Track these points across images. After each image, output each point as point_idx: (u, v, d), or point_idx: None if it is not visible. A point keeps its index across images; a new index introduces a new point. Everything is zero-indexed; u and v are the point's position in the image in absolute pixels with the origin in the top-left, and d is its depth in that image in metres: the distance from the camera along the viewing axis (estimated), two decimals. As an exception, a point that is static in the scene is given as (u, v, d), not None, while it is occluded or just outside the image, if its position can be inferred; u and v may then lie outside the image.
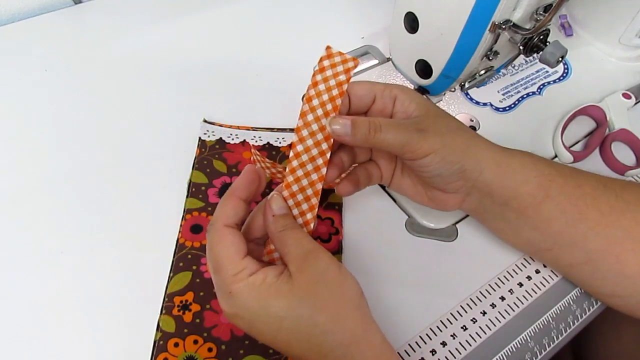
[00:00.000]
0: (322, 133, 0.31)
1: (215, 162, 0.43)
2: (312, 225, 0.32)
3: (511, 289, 0.38)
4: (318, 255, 0.29)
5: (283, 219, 0.30)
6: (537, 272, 0.39)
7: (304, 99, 0.31)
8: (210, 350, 0.33)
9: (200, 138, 0.44)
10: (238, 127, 0.46)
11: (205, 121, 0.46)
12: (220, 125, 0.46)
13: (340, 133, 0.31)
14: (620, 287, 0.34)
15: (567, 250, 0.35)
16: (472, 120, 0.49)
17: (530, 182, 0.34)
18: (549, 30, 0.34)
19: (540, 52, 0.34)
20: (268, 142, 0.45)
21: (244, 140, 0.45)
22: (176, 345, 0.33)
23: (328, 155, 0.31)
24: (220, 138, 0.44)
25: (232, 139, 0.45)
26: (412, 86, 0.42)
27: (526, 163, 0.34)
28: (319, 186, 0.31)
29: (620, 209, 0.33)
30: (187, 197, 0.41)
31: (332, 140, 0.31)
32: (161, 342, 0.33)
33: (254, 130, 0.46)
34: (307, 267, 0.28)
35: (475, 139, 0.34)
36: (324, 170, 0.31)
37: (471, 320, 0.36)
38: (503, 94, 0.51)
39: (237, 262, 0.28)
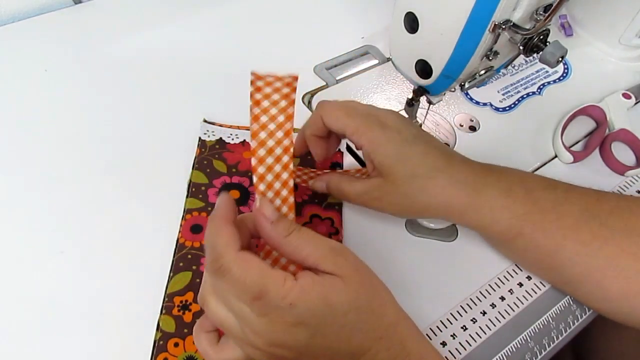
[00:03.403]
0: (280, 146, 0.29)
1: (215, 162, 0.43)
2: None
3: (511, 289, 0.38)
4: (342, 248, 0.29)
5: (284, 223, 0.28)
6: (537, 272, 0.39)
7: (251, 119, 0.29)
8: (210, 350, 0.33)
9: (200, 138, 0.44)
10: (238, 127, 0.46)
11: (205, 121, 0.46)
12: (220, 125, 0.46)
13: (320, 190, 0.39)
14: (604, 307, 0.35)
15: (546, 272, 0.37)
16: (472, 120, 0.49)
17: (500, 224, 0.34)
18: (549, 30, 0.34)
19: (540, 52, 0.34)
20: (268, 142, 0.45)
21: (244, 140, 0.45)
22: (176, 345, 0.33)
23: (291, 166, 0.30)
24: (220, 138, 0.44)
25: (232, 139, 0.45)
26: (412, 86, 0.42)
27: (496, 207, 0.34)
28: (292, 200, 0.30)
29: (604, 237, 0.33)
30: (187, 197, 0.41)
31: (291, 150, 0.30)
32: (161, 342, 0.33)
33: None
34: (341, 261, 0.28)
35: (438, 195, 0.34)
36: (291, 183, 0.30)
37: (471, 320, 0.36)
38: (503, 94, 0.51)
39: (277, 273, 0.26)
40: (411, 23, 0.35)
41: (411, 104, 0.43)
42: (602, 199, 0.35)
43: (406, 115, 0.46)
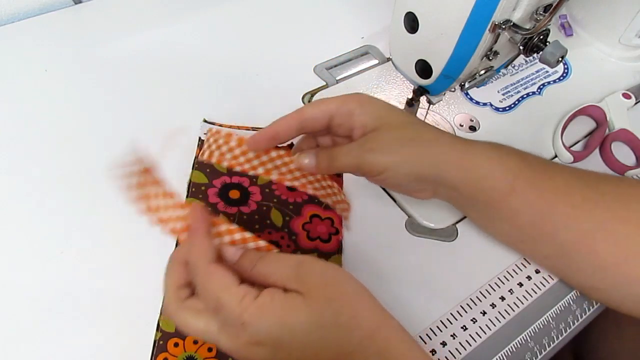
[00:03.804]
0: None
1: None
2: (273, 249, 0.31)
3: (511, 289, 0.38)
4: (308, 262, 0.28)
5: (246, 257, 0.29)
6: (537, 272, 0.39)
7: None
8: (210, 350, 0.33)
9: (200, 138, 0.44)
10: (238, 127, 0.46)
11: (205, 121, 0.46)
12: (220, 125, 0.46)
13: (308, 167, 0.34)
14: (598, 279, 0.34)
15: (540, 242, 0.36)
16: (472, 120, 0.49)
17: (494, 177, 0.34)
18: (549, 30, 0.34)
19: (540, 52, 0.34)
20: (268, 142, 0.45)
21: None
22: (176, 345, 0.33)
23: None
24: (221, 138, 0.44)
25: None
26: (412, 86, 0.42)
27: (491, 158, 0.34)
28: (238, 236, 0.31)
29: (594, 201, 0.33)
30: (187, 197, 0.41)
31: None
32: (161, 342, 0.33)
33: (254, 130, 0.46)
34: (306, 277, 0.27)
35: (432, 146, 0.33)
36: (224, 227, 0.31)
37: (471, 320, 0.36)
38: (503, 94, 0.51)
39: (238, 290, 0.26)
40: (411, 23, 0.35)
41: (411, 104, 0.43)
42: (589, 170, 0.36)
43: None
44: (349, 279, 0.29)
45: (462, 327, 0.36)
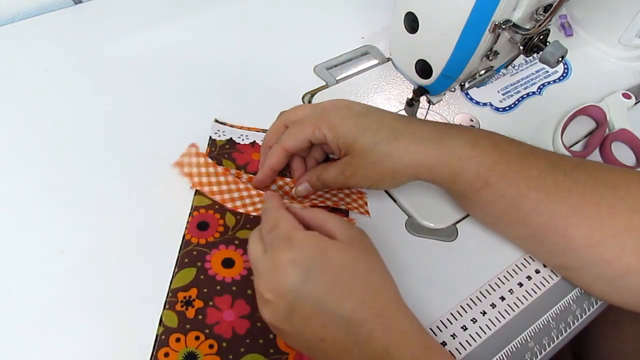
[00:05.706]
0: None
1: (225, 161, 0.43)
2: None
3: (511, 289, 0.38)
4: (359, 233, 0.32)
5: (310, 210, 0.33)
6: (537, 272, 0.39)
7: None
8: (211, 347, 0.33)
9: (210, 137, 0.44)
10: (248, 129, 0.46)
11: (216, 121, 0.46)
12: (231, 126, 0.46)
13: (307, 192, 0.40)
14: (568, 259, 0.35)
15: (512, 226, 0.37)
16: (472, 120, 0.49)
17: (468, 174, 0.35)
18: (549, 30, 0.34)
19: (540, 52, 0.34)
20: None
21: (254, 142, 0.45)
22: (178, 340, 0.33)
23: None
24: (231, 138, 0.45)
25: (243, 140, 0.45)
26: (412, 86, 0.42)
27: (465, 158, 0.35)
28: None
29: (567, 187, 0.34)
30: (195, 194, 0.41)
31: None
32: (163, 337, 0.33)
33: (264, 132, 0.46)
34: (353, 234, 0.31)
35: (403, 158, 0.35)
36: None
37: (471, 320, 0.36)
38: (503, 94, 0.51)
39: (294, 221, 0.31)
40: (411, 23, 0.35)
41: (411, 104, 0.43)
42: (567, 157, 0.36)
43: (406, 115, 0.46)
44: (383, 263, 0.32)
45: (462, 327, 0.36)
